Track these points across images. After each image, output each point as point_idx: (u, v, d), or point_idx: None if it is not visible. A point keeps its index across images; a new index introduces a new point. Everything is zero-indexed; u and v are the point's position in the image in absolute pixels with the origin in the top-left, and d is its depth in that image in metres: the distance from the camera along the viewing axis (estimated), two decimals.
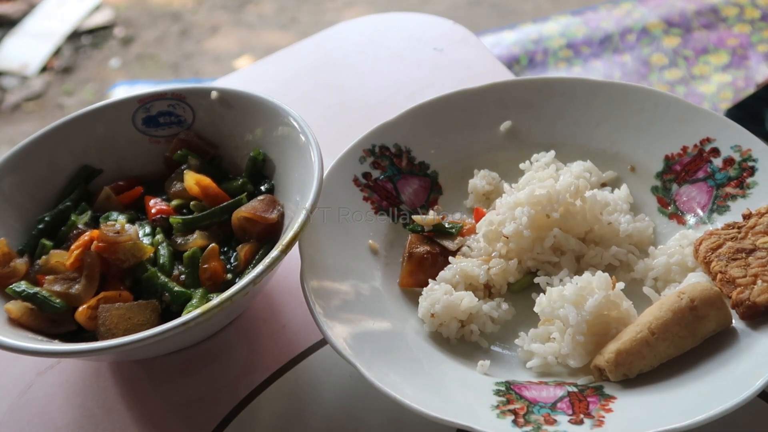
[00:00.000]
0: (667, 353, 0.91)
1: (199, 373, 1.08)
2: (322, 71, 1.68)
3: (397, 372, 0.93)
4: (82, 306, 1.00)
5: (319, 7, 4.66)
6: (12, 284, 1.02)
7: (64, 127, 1.20)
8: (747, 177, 1.10)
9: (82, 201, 1.17)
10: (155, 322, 0.98)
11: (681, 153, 1.17)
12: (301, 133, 1.11)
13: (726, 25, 3.47)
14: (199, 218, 1.11)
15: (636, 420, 0.85)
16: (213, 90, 1.21)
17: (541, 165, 1.21)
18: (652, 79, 3.28)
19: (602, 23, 3.53)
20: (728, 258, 0.98)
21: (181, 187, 1.16)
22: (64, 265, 1.04)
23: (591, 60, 3.20)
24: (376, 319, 1.01)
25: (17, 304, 1.00)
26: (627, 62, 3.30)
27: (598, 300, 0.94)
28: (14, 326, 0.98)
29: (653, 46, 3.38)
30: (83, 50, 4.46)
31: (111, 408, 1.05)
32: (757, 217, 1.02)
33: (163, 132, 1.24)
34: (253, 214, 1.06)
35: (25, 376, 1.11)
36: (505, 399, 0.91)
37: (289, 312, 1.15)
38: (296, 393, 1.04)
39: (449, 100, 1.26)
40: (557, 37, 3.50)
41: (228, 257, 1.08)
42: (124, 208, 1.17)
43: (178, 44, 4.47)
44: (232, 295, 0.91)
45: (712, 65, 3.28)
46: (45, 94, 4.19)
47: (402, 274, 1.10)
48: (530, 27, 3.52)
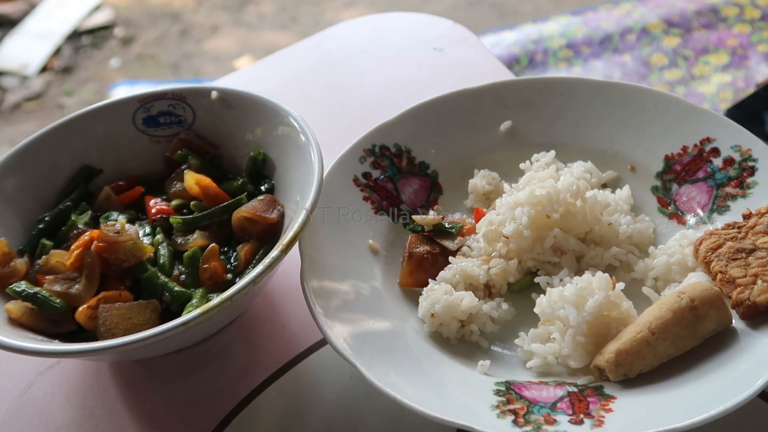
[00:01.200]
0: (667, 353, 0.91)
1: (199, 373, 1.08)
2: (322, 71, 1.68)
3: (397, 372, 0.93)
4: (82, 306, 1.00)
5: (319, 7, 4.66)
6: (12, 284, 1.02)
7: (64, 127, 1.20)
8: (747, 177, 1.10)
9: (82, 201, 1.17)
10: (155, 322, 0.98)
11: (681, 153, 1.17)
12: (301, 133, 1.11)
13: (726, 25, 3.47)
14: (199, 218, 1.11)
15: (636, 420, 0.85)
16: (213, 90, 1.21)
17: (542, 165, 1.21)
18: (652, 80, 3.28)
19: (602, 23, 3.53)
20: (728, 258, 0.98)
21: (181, 187, 1.16)
22: (64, 265, 1.04)
23: (591, 60, 3.20)
24: (376, 319, 1.01)
25: (17, 304, 1.00)
26: (627, 62, 3.30)
27: (598, 300, 0.94)
28: (14, 326, 0.98)
29: (653, 46, 3.38)
30: (83, 50, 4.46)
31: (111, 408, 1.05)
32: (757, 217, 1.02)
33: (163, 132, 1.24)
34: (253, 214, 1.06)
35: (25, 376, 1.11)
36: (505, 399, 0.91)
37: (289, 312, 1.15)
38: (296, 393, 1.04)
39: (449, 100, 1.26)
40: (557, 37, 3.50)
41: (228, 257, 1.08)
42: (124, 208, 1.17)
43: (178, 44, 4.47)
44: (232, 295, 0.91)
45: (712, 65, 3.28)
46: (45, 94, 4.19)
47: (402, 274, 1.10)
48: (530, 27, 3.52)
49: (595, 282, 0.97)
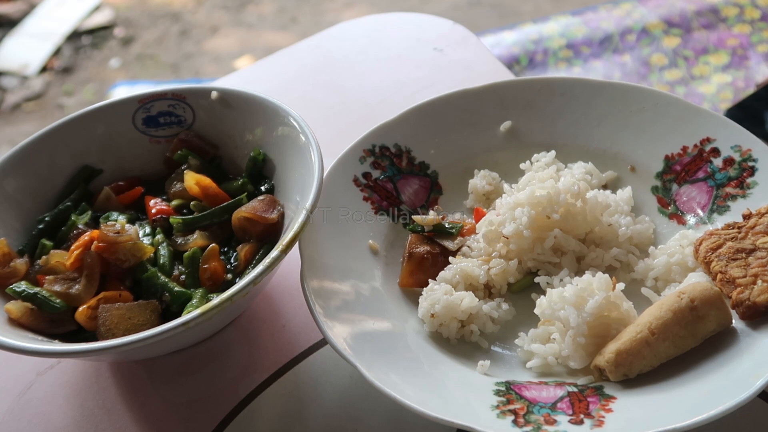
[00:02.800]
0: (668, 353, 0.91)
1: (199, 374, 1.08)
2: (322, 71, 1.68)
3: (397, 372, 0.93)
4: (82, 306, 1.00)
5: (319, 8, 4.66)
6: (12, 284, 1.02)
7: (64, 127, 1.20)
8: (747, 177, 1.10)
9: (83, 201, 1.17)
10: (155, 323, 0.98)
11: (681, 153, 1.17)
12: (301, 133, 1.11)
13: (726, 26, 3.47)
14: (199, 218, 1.11)
15: (636, 420, 0.85)
16: (213, 90, 1.21)
17: (542, 165, 1.21)
18: (652, 80, 3.28)
19: (602, 23, 3.53)
20: (728, 258, 0.98)
21: (181, 187, 1.16)
22: (64, 265, 1.04)
23: (591, 60, 3.20)
24: (376, 319, 1.01)
25: (17, 304, 1.00)
26: (627, 62, 3.30)
27: (598, 301, 0.94)
28: (14, 326, 0.98)
29: (653, 46, 3.38)
30: (83, 50, 4.46)
31: (111, 408, 1.05)
32: (757, 217, 1.02)
33: (164, 132, 1.24)
34: (253, 214, 1.06)
35: (25, 376, 1.11)
36: (505, 399, 0.91)
37: (289, 312, 1.15)
38: (296, 393, 1.04)
39: (449, 100, 1.26)
40: (557, 38, 3.50)
41: (228, 257, 1.08)
42: (124, 208, 1.17)
43: (178, 44, 4.47)
44: (232, 295, 0.91)
45: (712, 65, 3.28)
46: (45, 95, 4.19)
47: (402, 274, 1.10)
48: (530, 27, 3.52)
49: (596, 283, 0.97)
